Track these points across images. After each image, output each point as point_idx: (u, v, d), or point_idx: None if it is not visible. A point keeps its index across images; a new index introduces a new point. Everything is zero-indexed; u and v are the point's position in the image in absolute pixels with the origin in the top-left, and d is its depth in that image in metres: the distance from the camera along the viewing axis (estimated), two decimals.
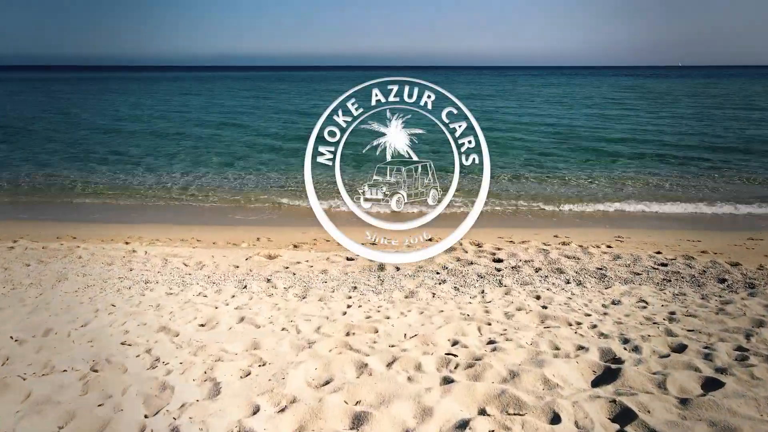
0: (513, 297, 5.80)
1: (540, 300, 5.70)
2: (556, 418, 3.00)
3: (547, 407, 3.10)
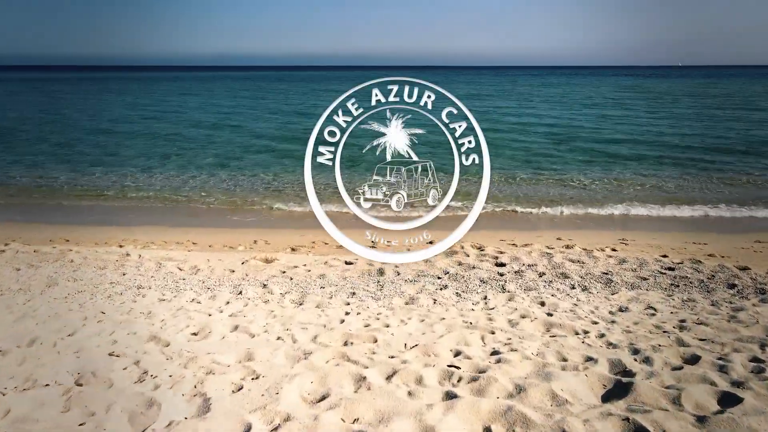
0: (517, 303, 5.62)
1: (545, 306, 5.52)
2: None
3: (557, 426, 2.92)
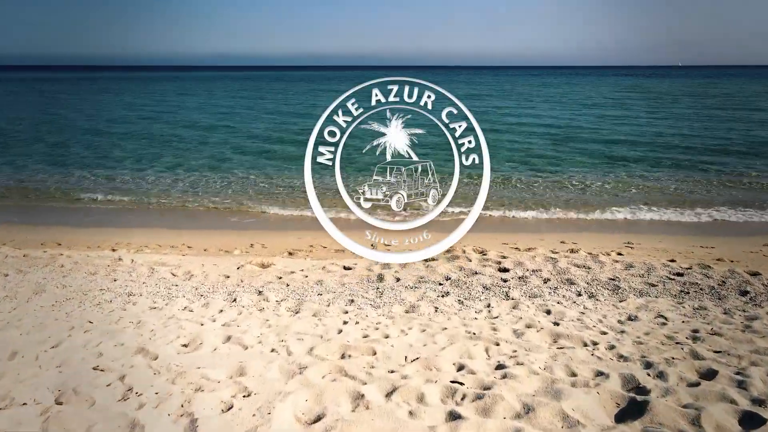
0: (521, 311, 5.40)
1: (551, 315, 5.31)
2: None
3: None
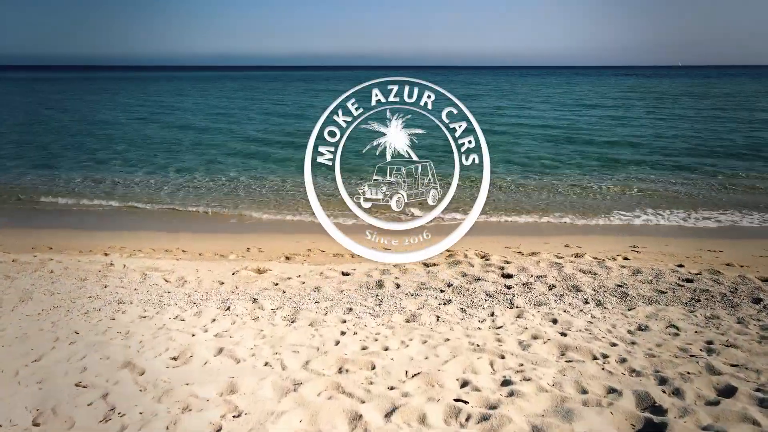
0: (527, 321, 5.18)
1: (557, 325, 5.09)
2: None
3: None
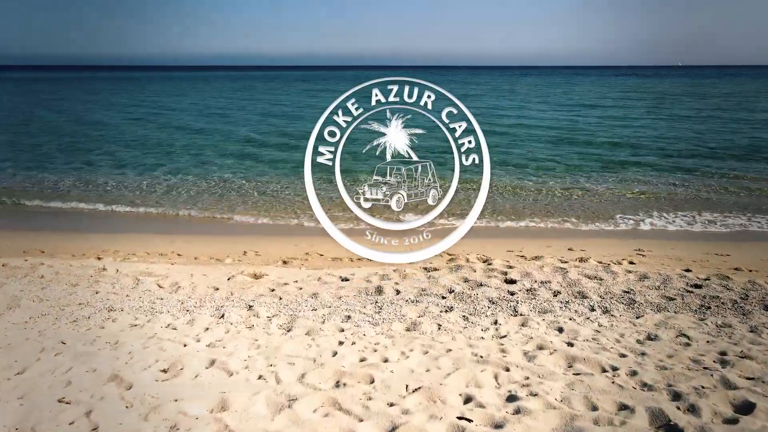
0: (531, 330, 5.00)
1: (563, 334, 4.90)
2: None
3: None
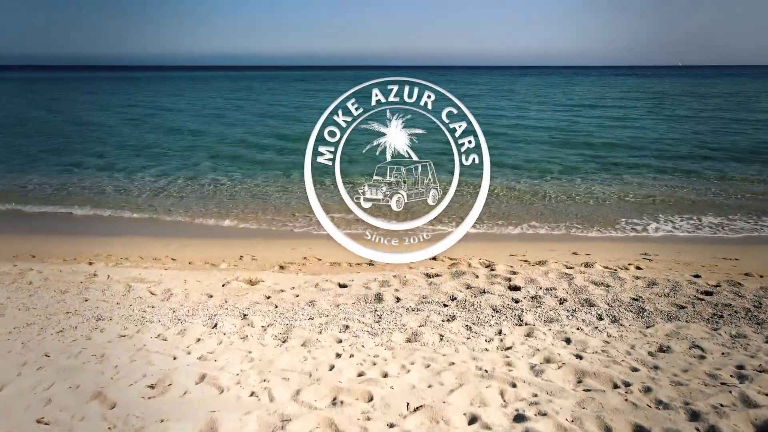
0: (538, 341, 4.78)
1: (571, 345, 4.69)
2: None
3: None
